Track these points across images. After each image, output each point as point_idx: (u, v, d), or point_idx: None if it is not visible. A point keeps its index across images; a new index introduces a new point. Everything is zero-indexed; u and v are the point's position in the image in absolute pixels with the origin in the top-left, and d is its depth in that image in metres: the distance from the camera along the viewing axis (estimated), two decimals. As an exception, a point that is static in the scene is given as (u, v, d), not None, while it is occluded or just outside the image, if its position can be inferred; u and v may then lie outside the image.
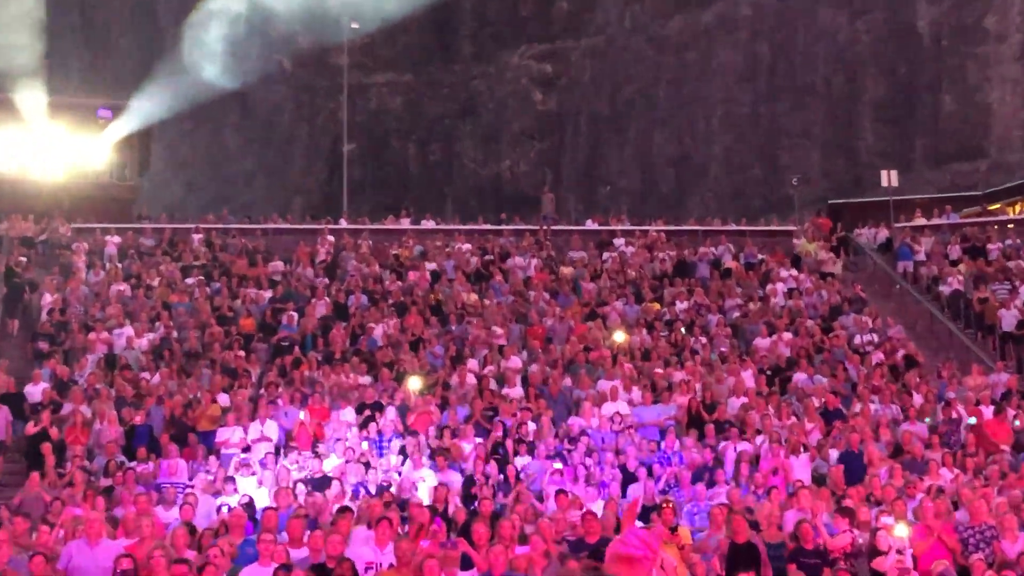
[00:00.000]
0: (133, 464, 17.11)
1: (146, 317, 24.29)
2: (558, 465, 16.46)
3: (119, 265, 27.95)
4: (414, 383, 20.58)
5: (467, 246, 30.56)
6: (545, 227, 32.73)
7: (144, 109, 42.08)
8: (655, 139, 50.71)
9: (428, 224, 35.34)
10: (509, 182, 52.59)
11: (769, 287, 27.49)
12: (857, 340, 23.80)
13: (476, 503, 14.94)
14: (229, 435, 18.12)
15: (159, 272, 27.66)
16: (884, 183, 35.79)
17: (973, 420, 18.36)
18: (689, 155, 49.95)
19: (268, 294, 26.50)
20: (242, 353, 22.64)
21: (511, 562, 10.52)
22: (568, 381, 21.09)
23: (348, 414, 19.25)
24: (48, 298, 25.04)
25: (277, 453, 17.70)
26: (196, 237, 30.75)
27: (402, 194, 50.28)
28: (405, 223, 35.20)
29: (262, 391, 20.40)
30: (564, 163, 52.56)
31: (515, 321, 24.83)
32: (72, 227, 31.04)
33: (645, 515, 13.57)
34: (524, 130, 53.35)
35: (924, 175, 46.81)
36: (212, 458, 17.39)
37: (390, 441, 17.98)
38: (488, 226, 35.17)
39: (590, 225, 35.36)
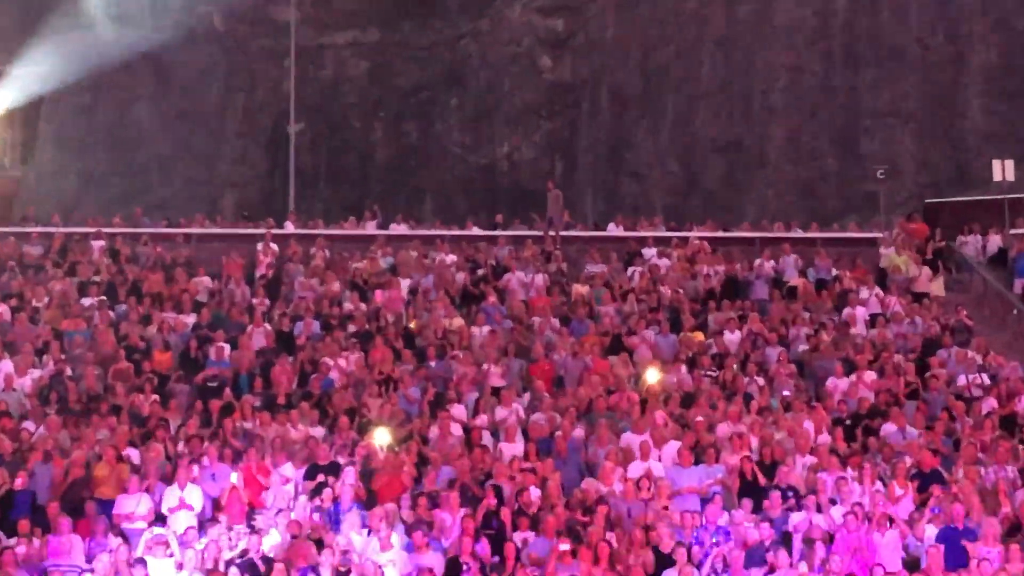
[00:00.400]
0: (12, 542, 17.11)
1: (31, 349, 24.30)
2: (565, 547, 16.48)
3: (-5, 281, 28.03)
4: (381, 436, 20.66)
5: (452, 257, 30.81)
6: (552, 233, 32.99)
7: (28, 78, 42.02)
8: (698, 118, 50.36)
9: (400, 229, 35.60)
10: (507, 174, 52.32)
11: (847, 312, 27.72)
12: (961, 381, 23.94)
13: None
14: (138, 504, 18.11)
15: (48, 290, 27.74)
16: (997, 176, 35.95)
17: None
18: (742, 140, 49.60)
19: (191, 319, 26.68)
20: (156, 397, 22.72)
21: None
22: (583, 433, 21.21)
23: (294, 475, 19.32)
24: (-102, 324, 25.18)
25: (201, 527, 17.75)
26: (96, 245, 30.87)
27: (366, 189, 49.93)
28: (370, 227, 35.58)
29: (182, 446, 20.47)
30: (579, 149, 52.31)
31: (514, 355, 25.00)
32: (-70, 231, 31.34)
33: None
34: (527, 106, 52.95)
35: (1050, 166, 46.88)
36: (115, 534, 17.37)
37: (349, 512, 18.04)
38: (479, 231, 35.41)
39: (613, 230, 35.75)
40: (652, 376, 23.85)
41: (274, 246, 30.85)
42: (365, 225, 36.13)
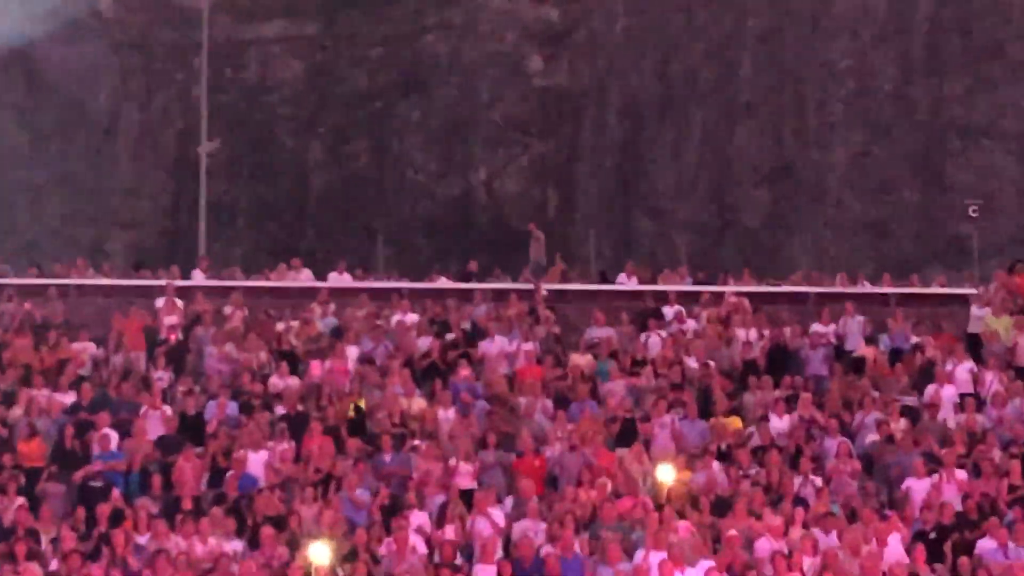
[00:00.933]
0: None
1: None
2: None
3: None
4: (319, 553, 20.55)
5: (412, 317, 30.78)
6: (539, 286, 33.22)
7: None
8: (735, 137, 50.37)
9: (344, 279, 35.66)
10: (485, 209, 52.04)
11: (930, 391, 27.68)
12: (1080, 483, 23.89)
13: None
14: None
15: None
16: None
17: None
18: (792, 165, 49.48)
19: (69, 398, 26.50)
20: (23, 500, 22.56)
21: None
22: (584, 551, 21.12)
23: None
24: None
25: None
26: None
27: (301, 229, 50.25)
28: (305, 278, 35.60)
29: (57, 565, 20.27)
30: (579, 177, 52.10)
31: (493, 447, 25.01)
32: None
33: None
34: (511, 120, 53.08)
35: None
36: None
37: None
38: (448, 284, 35.54)
39: (623, 283, 35.92)
40: (671, 474, 23.89)
41: (178, 302, 30.81)
42: (299, 275, 36.12)
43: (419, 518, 22.31)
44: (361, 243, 48.41)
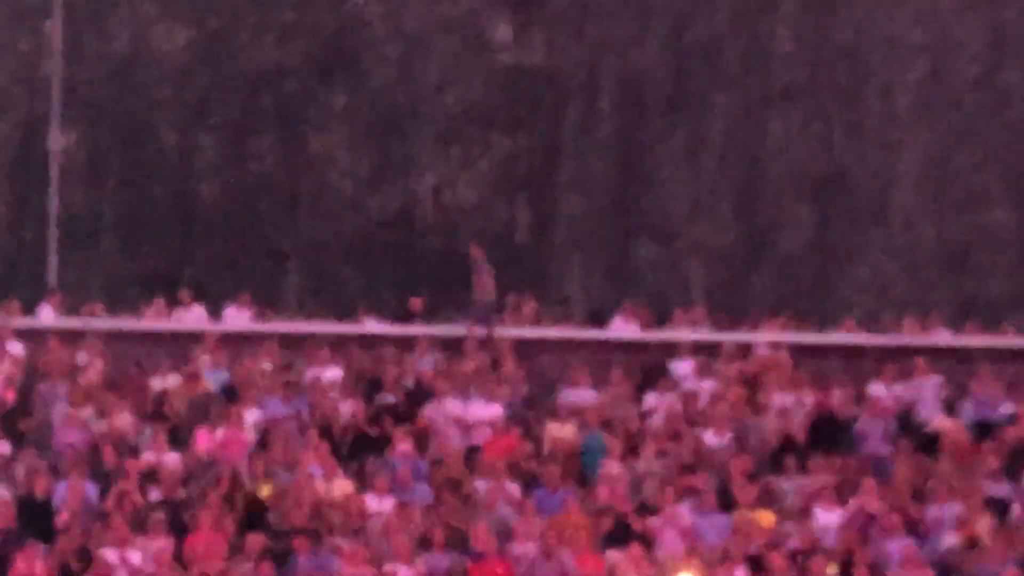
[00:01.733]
0: None
1: None
2: None
3: None
4: None
5: (333, 372, 30.96)
6: (491, 333, 33.37)
7: None
8: (768, 136, 50.70)
9: (242, 320, 35.88)
10: (432, 228, 52.34)
11: (1028, 479, 27.93)
12: None
13: None
14: None
15: None
16: None
17: None
18: (845, 173, 49.88)
19: None
20: None
21: None
22: None
23: None
24: None
25: None
26: None
27: (185, 251, 50.52)
28: (191, 317, 35.59)
29: None
30: (561, 186, 52.52)
31: (441, 548, 25.24)
32: None
33: None
34: (469, 109, 53.39)
35: None
36: None
37: None
38: (382, 328, 35.72)
39: (619, 329, 35.98)
40: None
41: (16, 349, 31.02)
42: (181, 313, 36.01)
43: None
44: (266, 271, 49.16)
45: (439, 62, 53.10)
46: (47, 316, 35.27)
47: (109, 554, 24.43)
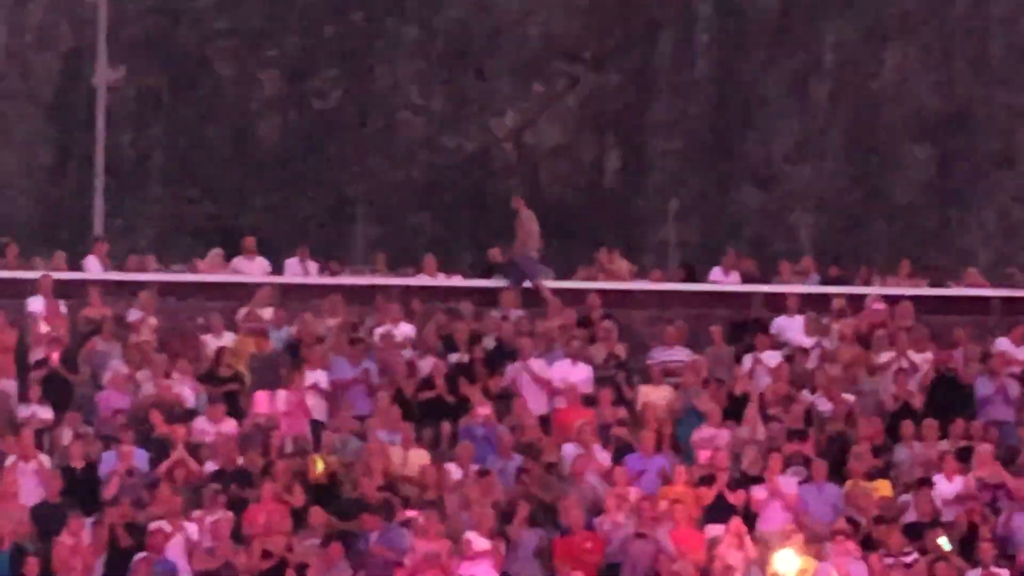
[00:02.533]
0: None
1: None
2: None
3: None
4: None
5: (406, 329, 30.57)
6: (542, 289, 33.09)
7: None
8: (884, 69, 50.63)
9: (310, 272, 35.52)
10: (513, 170, 52.59)
11: None
12: None
13: None
14: None
15: None
16: None
17: None
18: (968, 111, 49.98)
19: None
20: None
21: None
22: None
23: None
24: None
25: None
26: None
27: (242, 198, 50.70)
28: (250, 269, 34.97)
29: None
30: (653, 127, 52.41)
31: (526, 521, 25.06)
32: None
33: None
34: (553, 43, 53.32)
35: None
36: None
37: None
38: (458, 282, 35.52)
39: (718, 280, 35.47)
40: (791, 564, 23.96)
41: (62, 306, 30.58)
42: (239, 265, 35.59)
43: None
44: (332, 220, 48.94)
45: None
46: (93, 268, 34.89)
47: (164, 527, 24.46)
